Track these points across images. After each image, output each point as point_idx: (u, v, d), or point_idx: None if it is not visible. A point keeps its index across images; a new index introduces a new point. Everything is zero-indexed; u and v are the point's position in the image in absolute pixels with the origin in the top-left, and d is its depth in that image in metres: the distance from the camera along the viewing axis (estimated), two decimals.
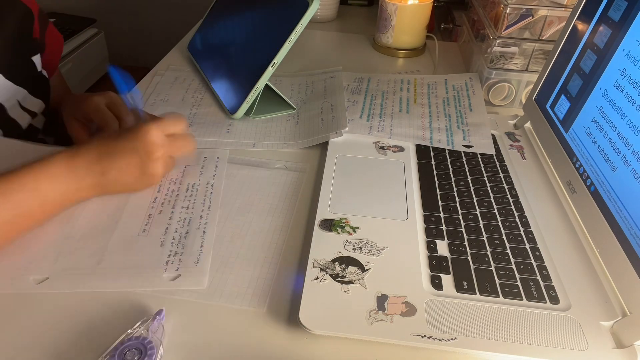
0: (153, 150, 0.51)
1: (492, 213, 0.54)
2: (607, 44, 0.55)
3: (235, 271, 0.47)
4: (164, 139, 0.52)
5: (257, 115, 0.71)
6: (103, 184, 0.51)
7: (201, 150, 0.63)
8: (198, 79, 0.81)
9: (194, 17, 1.01)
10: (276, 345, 0.41)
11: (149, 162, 0.52)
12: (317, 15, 1.09)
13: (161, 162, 0.53)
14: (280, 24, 0.67)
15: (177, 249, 0.49)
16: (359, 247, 0.49)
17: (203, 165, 0.60)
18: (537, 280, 0.47)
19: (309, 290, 0.44)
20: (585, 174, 0.54)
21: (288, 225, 0.53)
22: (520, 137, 0.69)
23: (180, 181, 0.58)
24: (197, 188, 0.57)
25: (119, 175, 0.52)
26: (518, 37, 0.75)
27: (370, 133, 0.67)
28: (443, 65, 0.92)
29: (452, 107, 0.75)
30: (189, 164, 0.60)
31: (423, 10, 0.92)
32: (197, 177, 0.59)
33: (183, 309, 0.43)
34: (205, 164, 0.61)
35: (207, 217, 0.53)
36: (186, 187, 0.57)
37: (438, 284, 0.46)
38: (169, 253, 0.48)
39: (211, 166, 0.60)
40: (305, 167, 0.62)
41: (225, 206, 0.55)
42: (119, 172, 0.51)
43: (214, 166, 0.60)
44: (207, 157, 0.62)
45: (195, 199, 0.55)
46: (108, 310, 0.43)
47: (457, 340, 0.41)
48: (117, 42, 1.95)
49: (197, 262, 0.48)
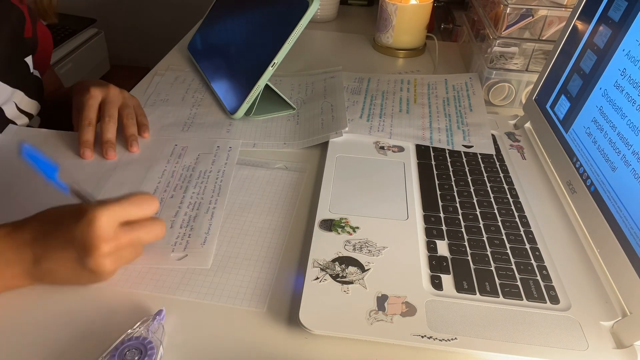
0: (95, 245, 0.40)
1: (492, 213, 0.54)
2: (607, 44, 0.55)
3: (235, 271, 0.47)
4: (116, 230, 0.41)
5: (257, 115, 0.71)
6: (35, 274, 0.42)
7: (214, 139, 0.65)
8: (198, 79, 0.81)
9: (194, 17, 1.01)
10: (276, 345, 0.41)
11: (90, 258, 0.40)
12: (317, 15, 1.09)
13: (110, 259, 0.41)
14: (280, 24, 0.67)
15: (186, 231, 0.51)
16: (359, 247, 0.49)
17: (215, 153, 0.62)
18: (537, 280, 0.47)
19: (309, 290, 0.44)
20: (585, 174, 0.54)
21: (288, 225, 0.53)
22: (520, 137, 0.69)
23: (193, 168, 0.60)
24: (208, 175, 0.58)
25: (54, 267, 0.42)
26: (518, 37, 0.75)
27: (370, 133, 0.67)
28: (443, 65, 0.92)
29: (452, 107, 0.75)
30: (202, 152, 0.62)
31: (423, 10, 0.92)
32: (209, 164, 0.60)
33: (183, 309, 0.43)
34: (217, 152, 0.63)
35: (216, 202, 0.55)
36: (198, 173, 0.59)
37: (438, 284, 0.46)
38: (177, 234, 0.50)
39: (223, 154, 0.62)
40: (305, 167, 0.62)
41: (226, 206, 0.55)
42: (54, 263, 0.42)
43: (226, 155, 0.62)
44: (219, 146, 0.64)
45: (206, 185, 0.57)
46: (108, 310, 0.43)
47: (457, 340, 0.41)
48: (117, 42, 1.95)
49: (204, 243, 0.49)
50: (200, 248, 0.49)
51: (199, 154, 0.62)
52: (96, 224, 0.39)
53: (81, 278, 0.43)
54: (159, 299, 0.44)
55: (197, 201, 0.54)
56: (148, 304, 0.43)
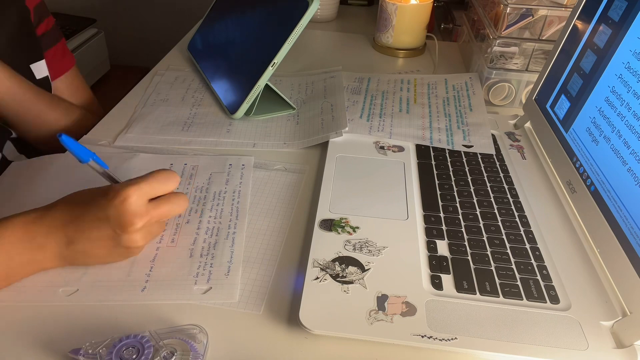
0: (130, 222, 0.42)
1: (492, 213, 0.54)
2: (607, 43, 0.55)
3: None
4: (146, 207, 0.43)
5: (257, 115, 0.71)
6: (68, 255, 0.44)
7: (226, 157, 0.62)
8: (198, 79, 0.81)
9: (194, 17, 1.01)
10: (276, 345, 0.41)
11: (125, 235, 0.43)
12: (317, 15, 1.09)
13: (141, 233, 0.44)
14: (280, 24, 0.67)
15: (207, 260, 0.48)
16: (359, 247, 0.49)
17: (229, 172, 0.59)
18: (537, 280, 0.46)
19: (309, 290, 0.44)
20: (585, 173, 0.54)
21: (288, 225, 0.53)
22: (520, 137, 0.69)
23: (207, 189, 0.56)
24: (224, 196, 0.55)
25: (88, 247, 0.44)
26: (518, 37, 0.75)
27: (370, 133, 0.67)
28: (443, 65, 0.92)
29: (452, 107, 0.75)
30: (214, 171, 0.59)
31: (423, 10, 0.91)
32: (223, 184, 0.57)
33: (183, 308, 0.43)
34: (230, 172, 0.59)
35: (235, 226, 0.52)
36: (212, 195, 0.56)
37: (438, 283, 0.46)
38: (199, 264, 0.47)
39: (237, 173, 0.59)
40: (305, 169, 0.62)
41: None
42: (88, 243, 0.43)
43: (239, 173, 0.59)
44: (232, 164, 0.61)
45: (222, 207, 0.54)
46: (107, 309, 0.43)
47: (457, 340, 0.41)
48: (117, 42, 1.95)
49: (227, 274, 0.46)
50: (224, 279, 0.46)
51: (210, 173, 0.59)
52: (129, 202, 0.42)
53: (113, 255, 0.45)
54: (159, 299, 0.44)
55: (215, 226, 0.51)
56: (145, 305, 0.43)
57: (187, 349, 0.38)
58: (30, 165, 0.59)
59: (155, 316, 0.42)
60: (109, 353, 0.37)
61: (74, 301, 0.43)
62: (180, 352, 0.38)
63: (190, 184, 0.57)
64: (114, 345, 0.38)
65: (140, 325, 0.41)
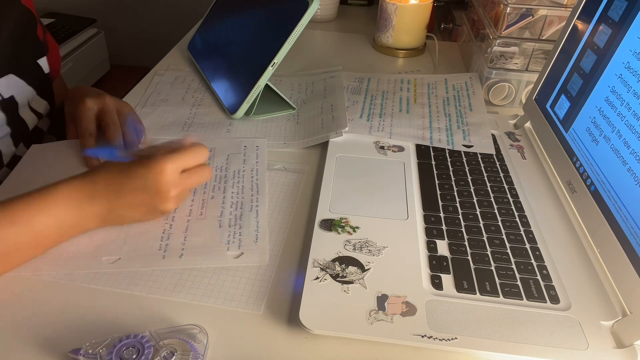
0: (166, 190, 0.48)
1: (492, 213, 0.54)
2: (607, 43, 0.55)
3: (232, 272, 0.47)
4: (180, 178, 0.49)
5: (257, 115, 0.71)
6: (108, 217, 0.49)
7: (240, 139, 0.66)
8: (198, 79, 0.81)
9: (194, 17, 1.01)
10: (276, 345, 0.41)
11: (161, 201, 0.49)
12: (317, 15, 1.09)
13: (174, 200, 0.50)
14: (280, 24, 0.67)
15: (235, 230, 0.51)
16: (359, 247, 0.49)
17: (245, 153, 0.63)
18: (537, 280, 0.47)
19: (309, 290, 0.44)
20: (585, 173, 0.54)
21: (288, 225, 0.53)
22: (520, 137, 0.69)
23: (226, 168, 0.60)
24: (242, 174, 0.59)
25: (126, 212, 0.49)
26: (518, 36, 0.75)
27: (370, 133, 0.67)
28: (443, 65, 0.92)
29: (452, 106, 0.75)
30: (231, 152, 0.63)
31: (423, 10, 0.91)
32: (241, 164, 0.61)
33: (183, 308, 0.43)
34: (246, 152, 0.63)
35: (258, 200, 0.55)
36: (232, 173, 0.59)
37: (438, 283, 0.46)
38: (229, 233, 0.51)
39: (252, 154, 0.63)
40: (305, 169, 0.62)
41: None
42: (127, 209, 0.49)
43: (255, 154, 0.63)
44: (247, 145, 0.64)
45: (243, 184, 0.58)
46: (106, 309, 0.43)
47: (457, 340, 0.41)
48: (117, 42, 1.95)
49: (256, 240, 0.50)
50: (254, 245, 0.50)
51: (227, 154, 0.62)
52: (166, 173, 0.47)
53: (148, 217, 0.51)
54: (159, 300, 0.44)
55: (239, 200, 0.55)
56: (145, 305, 0.43)
57: (187, 349, 0.38)
58: (49, 149, 0.63)
59: (155, 316, 0.42)
60: (109, 353, 0.37)
61: (117, 267, 0.47)
62: (180, 352, 0.38)
63: (210, 164, 0.61)
64: (114, 345, 0.38)
65: (140, 325, 0.41)
